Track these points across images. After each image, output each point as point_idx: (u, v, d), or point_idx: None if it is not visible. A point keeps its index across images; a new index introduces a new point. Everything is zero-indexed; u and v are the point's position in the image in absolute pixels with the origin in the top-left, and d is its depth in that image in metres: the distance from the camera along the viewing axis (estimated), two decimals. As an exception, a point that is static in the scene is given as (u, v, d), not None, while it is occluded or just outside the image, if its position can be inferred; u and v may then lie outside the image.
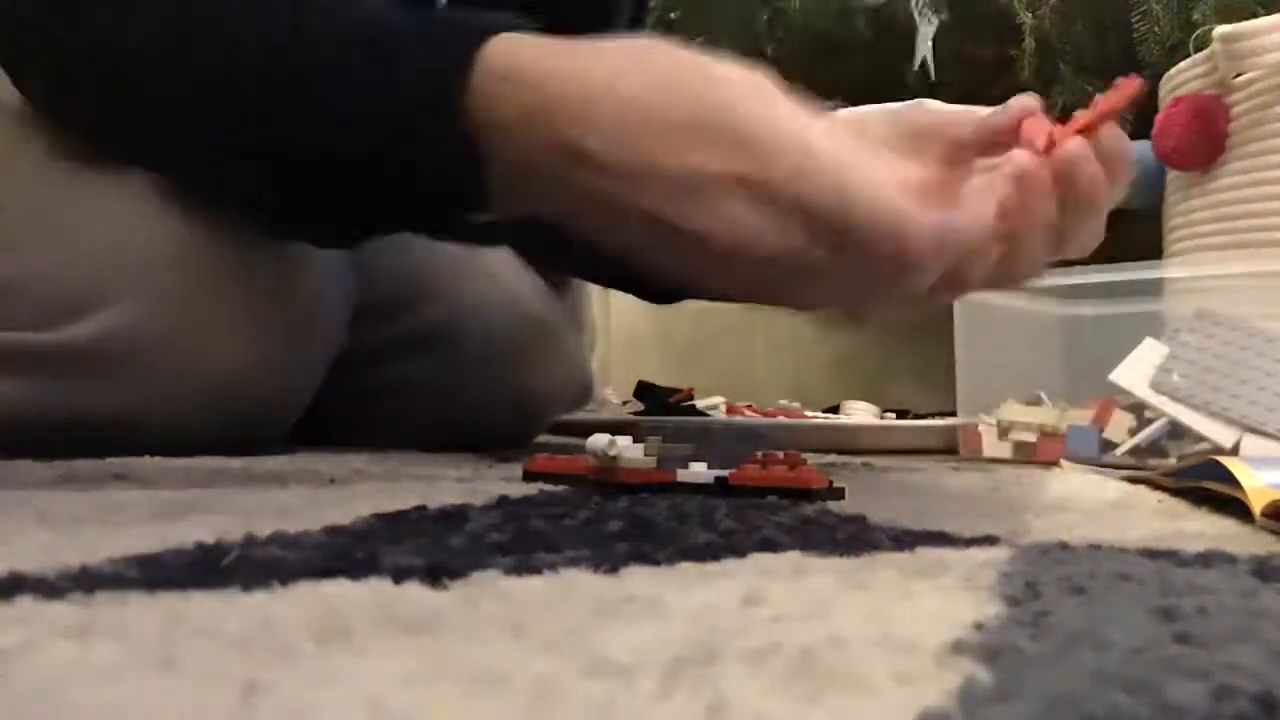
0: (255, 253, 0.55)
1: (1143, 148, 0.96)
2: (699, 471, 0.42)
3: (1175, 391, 0.64)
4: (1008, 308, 0.81)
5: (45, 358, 0.52)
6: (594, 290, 1.04)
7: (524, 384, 0.73)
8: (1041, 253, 0.43)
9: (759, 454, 0.42)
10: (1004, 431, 0.75)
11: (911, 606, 0.22)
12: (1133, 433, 0.68)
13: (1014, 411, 0.75)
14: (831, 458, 0.73)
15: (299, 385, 0.60)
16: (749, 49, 1.46)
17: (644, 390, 1.15)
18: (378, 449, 0.66)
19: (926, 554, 0.28)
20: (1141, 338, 0.67)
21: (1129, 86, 0.44)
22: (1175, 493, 0.47)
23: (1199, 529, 0.36)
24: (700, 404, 1.14)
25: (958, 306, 0.80)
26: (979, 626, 0.19)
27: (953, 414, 0.85)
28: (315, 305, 0.59)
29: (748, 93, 0.39)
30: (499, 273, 0.72)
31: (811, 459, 0.70)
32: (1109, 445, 0.69)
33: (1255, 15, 0.92)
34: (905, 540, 0.30)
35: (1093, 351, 0.73)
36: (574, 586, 0.23)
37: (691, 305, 0.74)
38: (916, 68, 1.20)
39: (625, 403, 1.23)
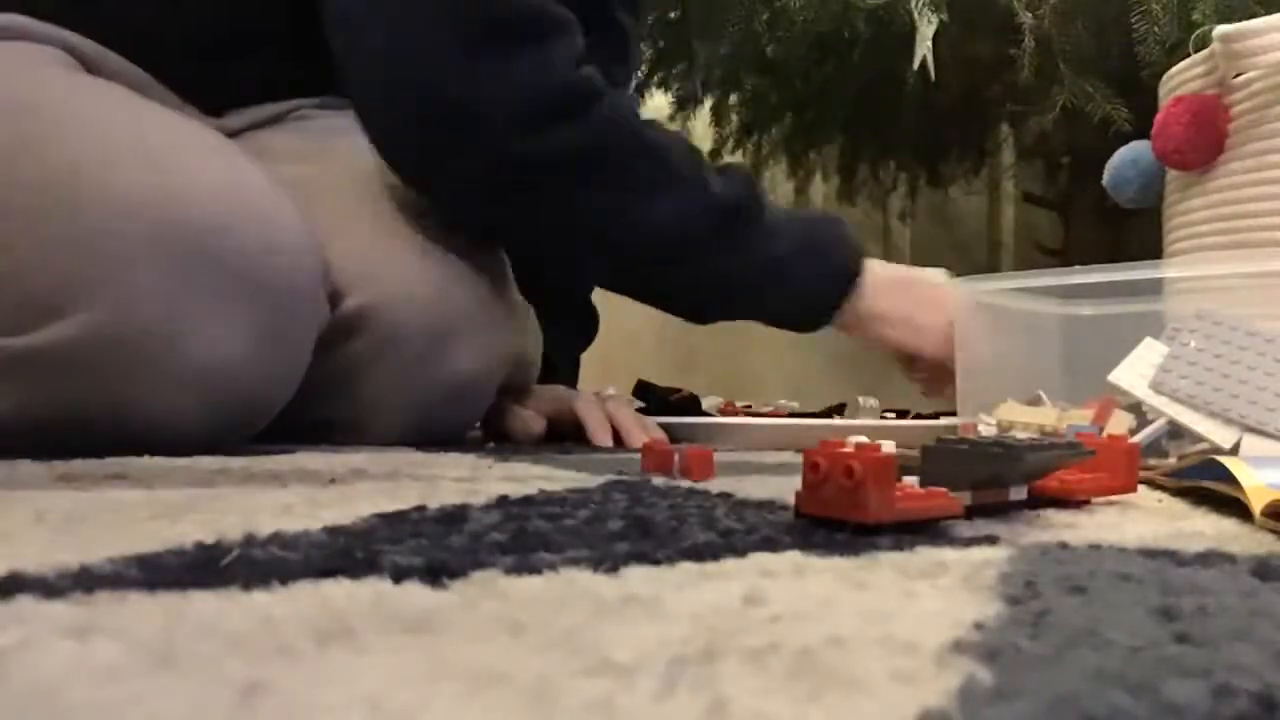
0: (228, 240, 0.55)
1: (1142, 147, 0.96)
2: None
3: (1175, 391, 0.64)
4: (1008, 308, 0.81)
5: (27, 361, 0.52)
6: (594, 290, 1.05)
7: (451, 364, 0.73)
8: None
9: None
10: (1004, 431, 0.75)
11: (911, 606, 0.22)
12: (1133, 433, 0.67)
13: (1014, 411, 0.75)
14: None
15: (285, 367, 0.60)
16: (749, 49, 1.45)
17: (644, 390, 1.15)
18: (377, 449, 0.66)
19: (926, 554, 0.28)
20: (1141, 338, 0.67)
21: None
22: (1175, 493, 0.47)
23: (1199, 529, 0.36)
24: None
25: (958, 306, 0.80)
26: (979, 626, 0.19)
27: (953, 414, 0.85)
28: (293, 287, 0.59)
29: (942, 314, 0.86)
30: (425, 257, 0.73)
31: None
32: (1109, 445, 0.68)
33: (1255, 15, 0.92)
34: (905, 540, 0.30)
35: (1093, 351, 0.72)
36: (574, 586, 0.23)
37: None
38: (916, 68, 1.20)
39: (625, 403, 1.23)
